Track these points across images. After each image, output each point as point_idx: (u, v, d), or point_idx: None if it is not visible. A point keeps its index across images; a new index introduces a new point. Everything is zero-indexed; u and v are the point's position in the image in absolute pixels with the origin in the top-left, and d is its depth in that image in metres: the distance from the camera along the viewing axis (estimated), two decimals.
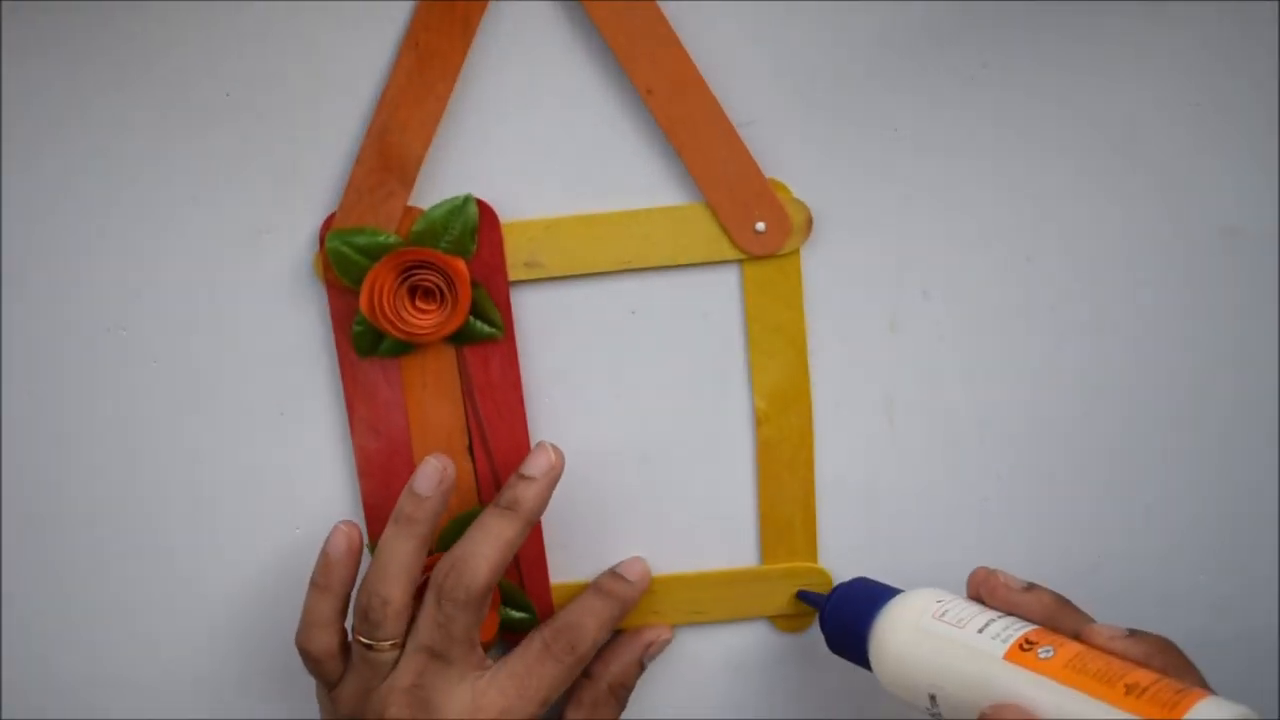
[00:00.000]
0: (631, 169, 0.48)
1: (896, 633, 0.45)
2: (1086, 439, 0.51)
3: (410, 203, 0.47)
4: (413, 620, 0.47)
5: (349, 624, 0.48)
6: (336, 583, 0.47)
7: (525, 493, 0.47)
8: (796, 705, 0.54)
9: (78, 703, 0.53)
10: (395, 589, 0.46)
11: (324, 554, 0.48)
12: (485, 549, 0.46)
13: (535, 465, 0.48)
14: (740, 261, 0.49)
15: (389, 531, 0.47)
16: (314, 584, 0.48)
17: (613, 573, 0.51)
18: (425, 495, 0.46)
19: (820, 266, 0.49)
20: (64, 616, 0.52)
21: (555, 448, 0.48)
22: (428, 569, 0.47)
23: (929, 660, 0.43)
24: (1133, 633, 0.43)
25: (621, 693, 0.51)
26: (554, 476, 0.48)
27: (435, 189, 0.48)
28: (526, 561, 0.51)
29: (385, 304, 0.46)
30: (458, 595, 0.46)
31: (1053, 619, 0.44)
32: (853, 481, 0.51)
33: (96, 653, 0.52)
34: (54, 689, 0.53)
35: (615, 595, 0.50)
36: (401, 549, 0.46)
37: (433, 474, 0.47)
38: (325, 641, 0.47)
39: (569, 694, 0.51)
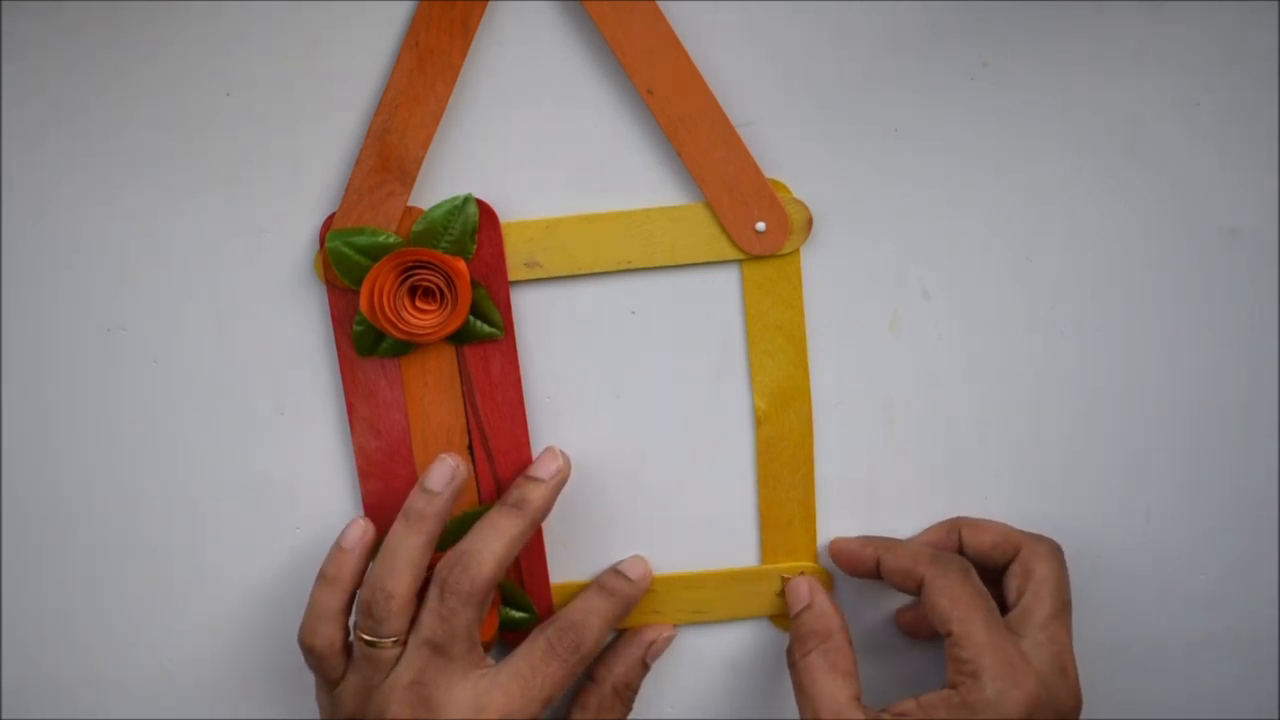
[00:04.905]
0: (631, 169, 0.48)
1: None
2: (1086, 439, 0.51)
3: (410, 203, 0.47)
4: (415, 619, 0.47)
5: (352, 622, 0.48)
6: (346, 575, 0.48)
7: (532, 493, 0.48)
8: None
9: (77, 703, 0.53)
10: (400, 584, 0.46)
11: (336, 546, 0.48)
12: (492, 543, 0.47)
13: (544, 468, 0.48)
14: (740, 261, 0.49)
15: (397, 527, 0.47)
16: (322, 577, 0.48)
17: (615, 571, 0.51)
18: (436, 491, 0.47)
19: (820, 266, 0.49)
20: (63, 616, 0.52)
21: (564, 453, 0.49)
22: (430, 568, 0.47)
23: None
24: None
25: (627, 694, 0.51)
26: (561, 480, 0.49)
27: (435, 189, 0.48)
28: (527, 561, 0.51)
29: (385, 304, 0.46)
30: (461, 588, 0.46)
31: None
32: (853, 481, 0.51)
33: (96, 653, 0.52)
34: (53, 689, 0.53)
35: (618, 593, 0.50)
36: (408, 544, 0.46)
37: (445, 471, 0.47)
38: (329, 636, 0.47)
39: (573, 697, 0.52)
